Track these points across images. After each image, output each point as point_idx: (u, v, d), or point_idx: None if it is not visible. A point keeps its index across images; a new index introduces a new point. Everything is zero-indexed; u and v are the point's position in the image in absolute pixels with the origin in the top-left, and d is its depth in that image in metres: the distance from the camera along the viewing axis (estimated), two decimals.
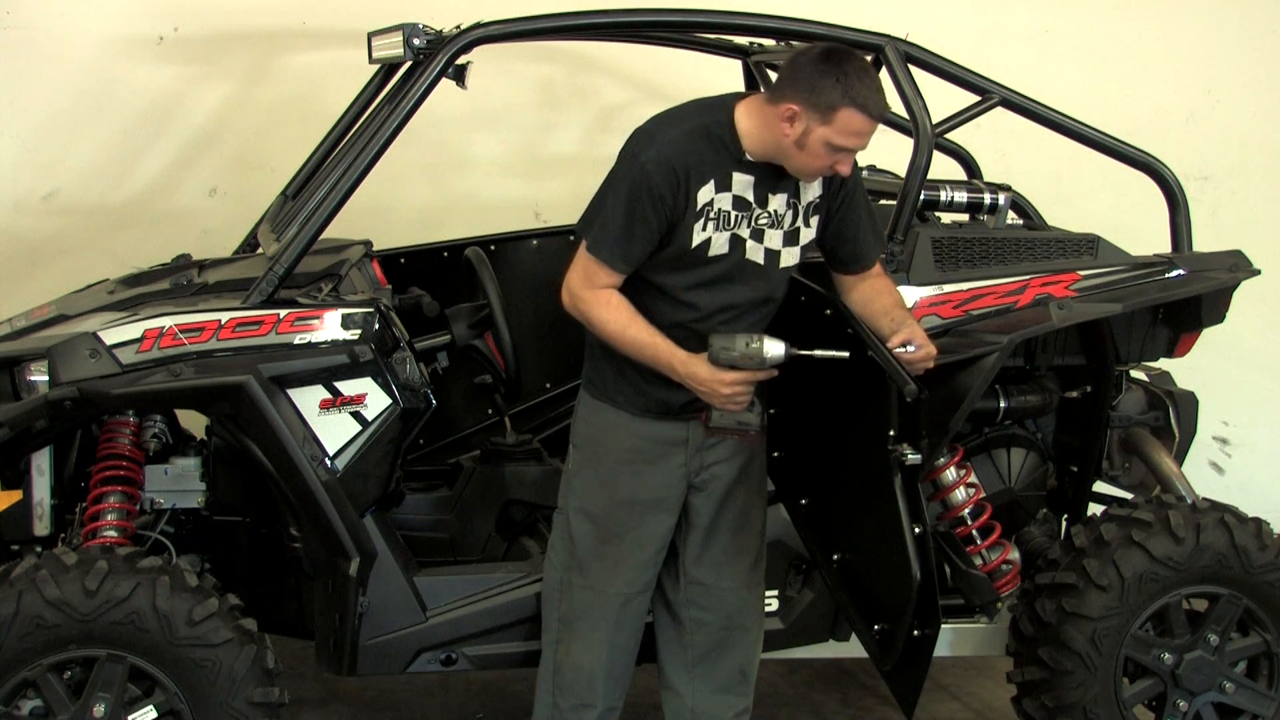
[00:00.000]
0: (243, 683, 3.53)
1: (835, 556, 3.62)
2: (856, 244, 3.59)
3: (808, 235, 3.52)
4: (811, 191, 3.49)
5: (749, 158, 3.38)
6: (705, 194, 3.37)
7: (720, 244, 3.42)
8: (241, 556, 4.12)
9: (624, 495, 3.60)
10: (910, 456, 3.28)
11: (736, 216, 3.41)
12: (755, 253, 3.46)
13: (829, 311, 3.45)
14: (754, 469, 3.69)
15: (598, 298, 3.41)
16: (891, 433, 3.31)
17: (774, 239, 3.47)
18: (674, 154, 3.33)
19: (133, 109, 5.60)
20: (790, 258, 3.50)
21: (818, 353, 3.37)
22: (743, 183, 3.39)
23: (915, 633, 3.34)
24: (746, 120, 3.37)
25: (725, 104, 3.40)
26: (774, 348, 3.32)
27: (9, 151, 5.57)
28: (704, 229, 3.39)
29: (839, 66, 3.25)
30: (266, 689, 3.58)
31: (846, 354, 3.37)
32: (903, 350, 3.36)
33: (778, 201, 3.44)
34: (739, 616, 3.74)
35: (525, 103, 5.83)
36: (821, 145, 3.29)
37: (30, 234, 5.60)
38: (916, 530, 3.28)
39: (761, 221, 3.44)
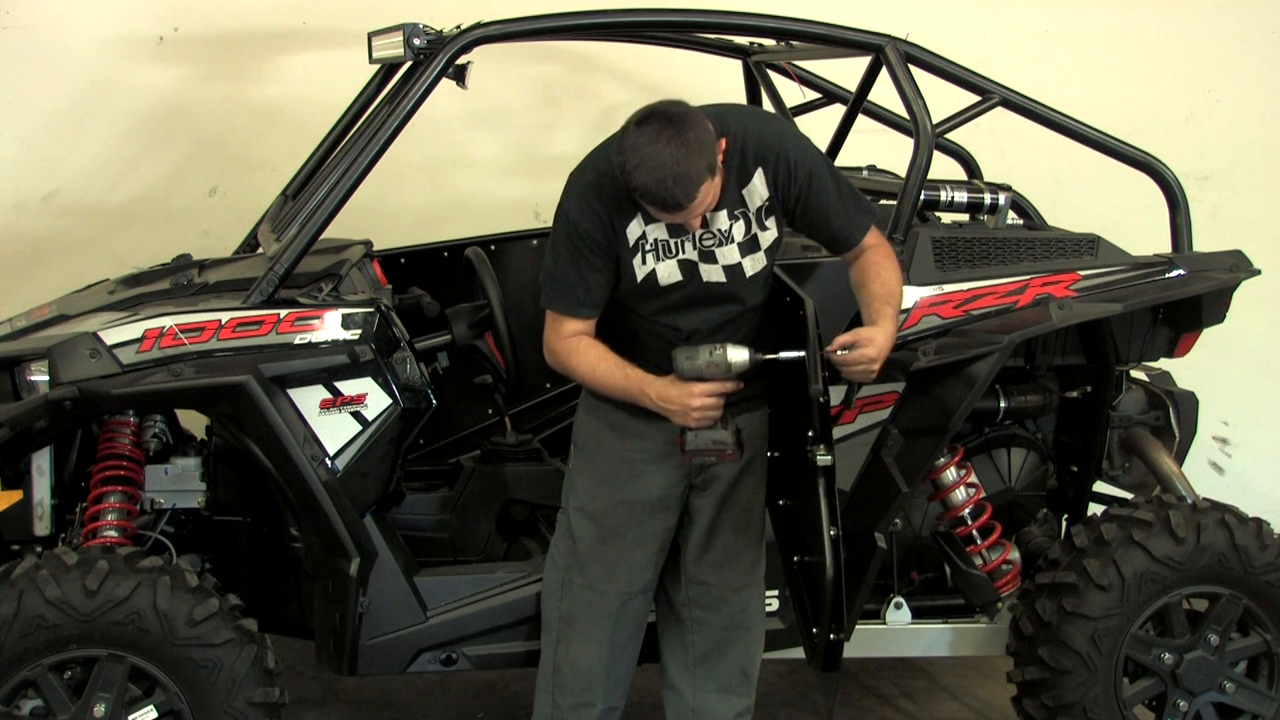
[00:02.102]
0: (243, 683, 3.54)
1: (795, 559, 3.62)
2: (830, 228, 3.50)
3: (769, 237, 3.47)
4: (758, 195, 3.42)
5: None
6: (634, 229, 3.37)
7: (669, 272, 3.41)
8: (241, 556, 4.12)
9: (624, 495, 3.60)
10: (821, 458, 3.26)
11: (676, 243, 3.39)
12: (712, 274, 3.43)
13: (801, 313, 3.45)
14: (754, 469, 3.69)
15: (567, 346, 3.45)
16: (810, 434, 3.30)
17: (729, 255, 3.43)
18: (593, 196, 3.34)
19: (133, 109, 5.61)
20: (755, 265, 3.46)
21: (782, 355, 3.36)
22: None
23: (831, 636, 3.33)
24: None
25: None
26: (738, 354, 3.32)
27: (9, 151, 5.57)
28: (643, 262, 3.39)
29: (632, 148, 3.13)
30: (266, 689, 3.58)
31: (804, 353, 3.34)
32: (843, 352, 3.33)
33: (720, 219, 3.40)
34: (740, 616, 3.74)
35: (525, 103, 5.84)
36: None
37: (30, 234, 5.60)
38: (832, 533, 3.27)
39: (707, 242, 3.41)
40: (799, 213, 3.48)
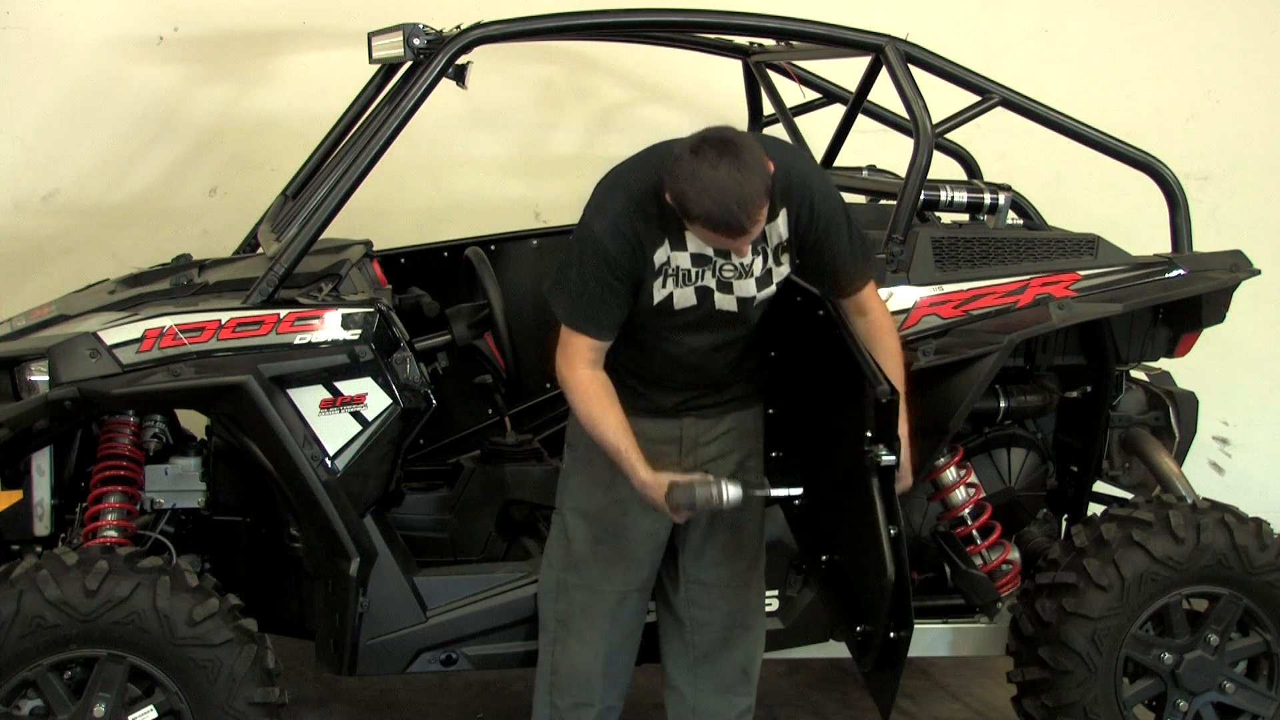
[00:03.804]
0: (243, 683, 3.53)
1: (824, 557, 3.63)
2: (834, 274, 3.50)
3: (781, 272, 3.48)
4: (777, 234, 3.43)
5: None
6: (661, 254, 3.36)
7: (685, 297, 3.41)
8: (241, 556, 4.12)
9: (619, 494, 3.59)
10: (885, 458, 3.28)
11: (697, 272, 3.40)
12: (726, 303, 3.45)
13: (821, 313, 3.46)
14: (750, 467, 3.69)
15: (580, 381, 3.41)
16: (868, 434, 3.32)
17: (746, 287, 3.45)
18: (624, 221, 3.32)
19: (132, 109, 5.60)
20: (765, 295, 3.48)
21: (773, 492, 3.49)
22: (698, 239, 3.35)
23: (891, 634, 3.34)
24: None
25: None
26: (732, 492, 3.38)
27: (9, 151, 5.57)
28: (664, 285, 3.40)
29: (692, 174, 3.12)
30: (266, 689, 3.58)
31: (799, 490, 3.49)
32: None
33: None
34: (740, 615, 3.74)
35: (525, 103, 5.83)
36: (698, 235, 3.26)
37: (30, 234, 5.60)
38: (892, 532, 3.28)
39: (727, 274, 3.42)
40: (809, 253, 3.48)
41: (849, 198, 3.86)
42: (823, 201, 3.41)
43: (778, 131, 4.84)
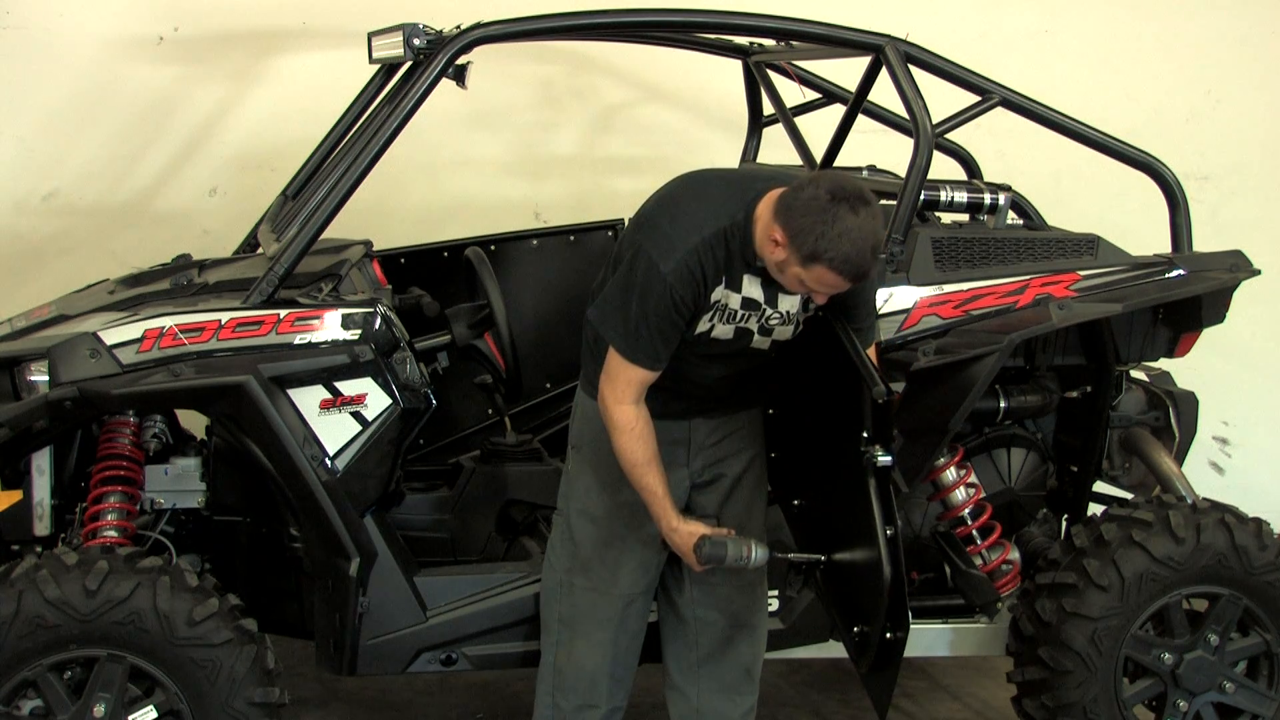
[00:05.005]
0: (243, 683, 3.53)
1: (822, 558, 3.64)
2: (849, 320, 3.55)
3: (804, 315, 3.52)
4: None
5: (760, 264, 3.35)
6: (719, 293, 3.39)
7: (724, 332, 3.44)
8: (241, 556, 4.12)
9: (626, 496, 3.60)
10: (881, 458, 3.29)
11: (744, 314, 3.42)
12: (762, 344, 3.49)
13: (819, 314, 3.47)
14: (756, 468, 3.70)
15: (626, 418, 3.40)
16: (864, 434, 3.33)
17: (784, 333, 3.49)
18: (694, 264, 3.32)
19: (133, 109, 5.61)
20: (794, 335, 3.52)
21: (791, 556, 3.64)
22: (753, 285, 3.38)
23: (888, 635, 3.35)
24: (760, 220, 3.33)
25: (748, 200, 3.33)
26: (759, 553, 3.43)
27: (9, 151, 5.57)
28: (709, 320, 3.42)
29: (833, 217, 3.16)
30: (266, 689, 3.58)
31: (821, 557, 3.56)
32: None
33: (789, 302, 3.43)
34: (744, 615, 3.75)
35: (525, 103, 5.84)
36: (796, 280, 3.28)
37: (30, 234, 5.60)
38: (889, 532, 3.29)
39: (773, 321, 3.45)
40: (832, 308, 3.50)
41: None
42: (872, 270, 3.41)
43: (777, 131, 4.85)
